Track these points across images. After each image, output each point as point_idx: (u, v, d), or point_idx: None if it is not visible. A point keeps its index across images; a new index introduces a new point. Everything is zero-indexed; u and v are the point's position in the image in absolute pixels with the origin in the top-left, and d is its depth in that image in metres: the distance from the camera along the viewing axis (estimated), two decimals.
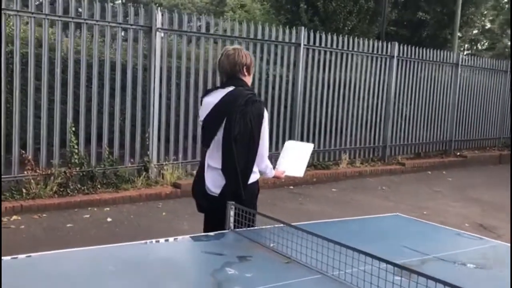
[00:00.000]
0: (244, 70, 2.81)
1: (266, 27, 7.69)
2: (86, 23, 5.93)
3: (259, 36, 7.56)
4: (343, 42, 8.53)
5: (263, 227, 2.53)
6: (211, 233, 2.54)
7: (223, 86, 2.83)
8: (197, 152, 7.06)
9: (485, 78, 11.88)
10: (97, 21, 5.98)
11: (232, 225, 2.58)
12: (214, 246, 2.36)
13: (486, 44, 21.38)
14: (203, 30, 7.05)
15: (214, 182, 2.79)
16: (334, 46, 8.40)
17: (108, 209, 5.72)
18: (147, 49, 6.45)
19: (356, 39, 8.77)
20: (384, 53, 9.24)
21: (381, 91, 9.38)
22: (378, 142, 9.53)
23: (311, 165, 8.38)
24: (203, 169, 2.88)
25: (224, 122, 2.70)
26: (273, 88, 7.91)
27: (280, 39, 7.80)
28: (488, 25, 20.28)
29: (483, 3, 13.91)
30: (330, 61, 8.40)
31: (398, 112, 9.81)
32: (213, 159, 2.81)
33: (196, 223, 5.31)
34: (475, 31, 18.17)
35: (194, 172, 6.89)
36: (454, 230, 2.85)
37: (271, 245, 2.26)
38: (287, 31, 7.88)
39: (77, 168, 5.90)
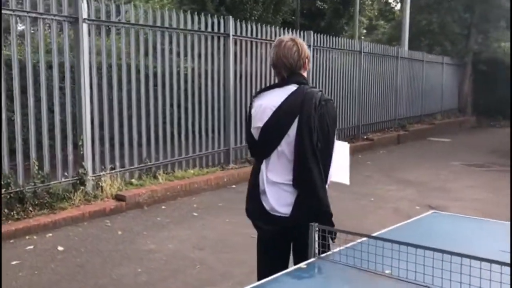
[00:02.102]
0: (307, 63, 2.41)
1: (195, 16, 7.13)
2: None
3: (189, 26, 6.98)
4: (269, 32, 8.33)
5: (343, 247, 2.19)
6: (303, 265, 2.11)
7: (281, 84, 2.38)
8: (134, 157, 6.32)
9: (381, 63, 12.62)
10: (13, 10, 4.93)
11: (317, 250, 2.20)
12: (324, 283, 1.97)
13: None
14: (132, 20, 6.26)
15: (280, 200, 2.35)
16: (264, 37, 8.15)
17: (50, 235, 4.81)
18: (75, 43, 5.53)
19: (279, 30, 8.61)
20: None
21: None
22: None
23: (245, 160, 8.08)
24: (257, 184, 2.41)
25: (296, 128, 2.27)
26: (205, 82, 7.41)
27: (209, 29, 7.31)
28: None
29: None
30: (260, 52, 8.13)
31: None
32: (275, 172, 2.36)
33: (161, 241, 4.75)
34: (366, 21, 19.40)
35: (134, 180, 6.25)
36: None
37: (386, 271, 1.96)
38: (215, 20, 7.41)
39: (3, 190, 4.86)
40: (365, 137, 11.78)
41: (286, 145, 2.31)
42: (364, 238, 2.18)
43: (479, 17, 17.56)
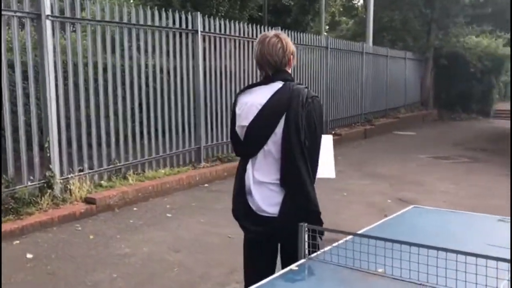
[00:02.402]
0: (292, 59, 2.35)
1: (163, 12, 6.96)
2: None
3: (156, 23, 6.82)
4: (238, 28, 8.24)
5: (333, 245, 2.16)
6: (294, 267, 2.06)
7: (266, 81, 2.32)
8: (103, 158, 6.13)
9: (347, 59, 12.74)
10: None
11: (307, 251, 2.15)
12: (318, 285, 1.93)
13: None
14: (98, 17, 6.05)
15: (267, 200, 2.29)
16: (233, 33, 8.07)
17: (18, 242, 4.59)
18: (38, 41, 5.29)
19: (247, 26, 8.54)
20: None
21: None
22: None
23: (216, 158, 8.00)
24: (243, 184, 2.35)
25: (283, 126, 2.21)
26: (174, 79, 7.27)
27: (177, 25, 7.16)
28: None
29: None
30: (230, 49, 8.04)
31: None
32: (262, 171, 2.30)
33: (135, 244, 4.61)
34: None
35: (103, 182, 6.06)
36: (496, 216, 2.82)
37: (379, 270, 1.93)
38: (183, 16, 7.26)
39: None
40: (333, 132, 11.87)
41: (273, 144, 2.26)
42: (350, 236, 2.16)
43: (439, 12, 18.00)
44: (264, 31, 8.84)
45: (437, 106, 19.36)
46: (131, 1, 12.09)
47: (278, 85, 2.29)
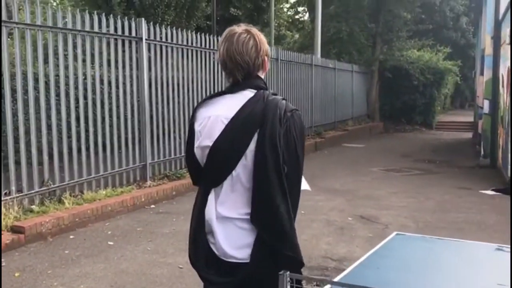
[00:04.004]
0: (266, 62, 1.89)
1: (103, 17, 6.36)
2: None
3: (96, 29, 6.21)
4: (186, 37, 7.75)
5: None
6: None
7: (234, 89, 1.85)
8: (34, 179, 5.40)
9: (297, 71, 12.54)
10: None
11: None
12: None
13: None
14: (28, 20, 5.36)
15: (234, 241, 1.80)
16: (181, 42, 7.56)
17: None
18: None
19: (196, 35, 8.06)
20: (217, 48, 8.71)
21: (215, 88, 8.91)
22: None
23: (164, 176, 7.42)
24: (203, 222, 1.86)
25: (256, 146, 1.76)
26: (117, 90, 6.66)
27: (119, 32, 6.57)
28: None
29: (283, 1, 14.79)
30: (177, 58, 7.53)
31: None
32: (228, 204, 1.82)
33: (71, 281, 3.96)
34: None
35: (34, 207, 5.33)
36: (493, 245, 2.50)
37: None
38: (126, 22, 6.68)
39: None
40: None
41: (243, 169, 1.79)
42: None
43: (383, 27, 18.32)
44: (213, 40, 8.41)
45: (382, 119, 19.64)
46: (67, 4, 11.28)
47: (248, 94, 1.83)
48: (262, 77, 1.90)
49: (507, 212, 6.32)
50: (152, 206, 6.45)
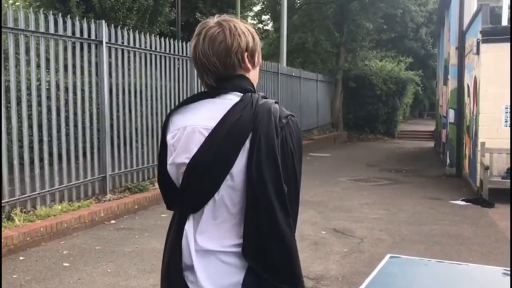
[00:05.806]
0: (247, 58, 1.53)
1: (59, 18, 5.89)
2: None
3: (51, 30, 5.73)
4: (149, 41, 7.35)
5: None
6: None
7: (214, 93, 1.52)
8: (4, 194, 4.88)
9: (263, 79, 12.29)
10: None
11: None
12: None
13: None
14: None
15: (217, 280, 1.46)
16: (144, 46, 7.16)
17: None
18: None
19: (160, 39, 7.67)
20: (182, 54, 8.31)
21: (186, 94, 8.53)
22: None
23: (125, 188, 6.96)
24: (179, 255, 1.51)
25: (247, 161, 1.43)
26: (74, 97, 6.19)
27: (77, 34, 6.12)
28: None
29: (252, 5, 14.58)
30: (140, 64, 7.12)
31: None
32: (209, 234, 1.48)
33: None
34: None
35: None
36: (498, 268, 2.27)
37: None
38: (84, 24, 6.24)
39: None
40: None
41: (229, 190, 1.45)
42: None
43: (347, 36, 18.42)
44: (178, 45, 8.06)
45: (346, 128, 19.70)
46: (18, 3, 10.66)
47: (233, 98, 1.50)
48: (249, 75, 1.56)
49: (480, 224, 6.24)
50: (113, 221, 5.99)
